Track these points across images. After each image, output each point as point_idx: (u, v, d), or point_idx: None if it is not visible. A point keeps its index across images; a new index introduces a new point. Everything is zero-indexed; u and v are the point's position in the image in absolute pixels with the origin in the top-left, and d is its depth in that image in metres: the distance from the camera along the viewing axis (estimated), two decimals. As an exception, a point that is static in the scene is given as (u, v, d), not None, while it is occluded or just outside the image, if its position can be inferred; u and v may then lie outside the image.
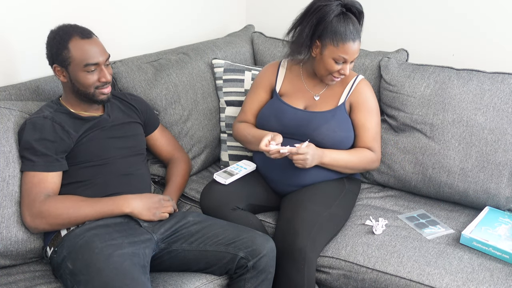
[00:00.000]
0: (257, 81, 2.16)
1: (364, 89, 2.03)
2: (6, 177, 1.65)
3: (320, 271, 1.86)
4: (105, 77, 1.73)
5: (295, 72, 2.10)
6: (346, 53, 1.87)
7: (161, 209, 1.75)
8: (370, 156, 2.02)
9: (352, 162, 1.98)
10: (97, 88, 1.74)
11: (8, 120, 1.71)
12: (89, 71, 1.71)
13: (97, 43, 1.74)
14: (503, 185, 1.98)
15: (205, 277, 1.72)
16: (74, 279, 1.53)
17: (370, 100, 2.04)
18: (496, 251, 1.77)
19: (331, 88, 2.04)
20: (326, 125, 1.96)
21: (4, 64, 1.95)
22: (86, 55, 1.69)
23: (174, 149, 2.12)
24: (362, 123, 2.01)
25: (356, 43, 1.88)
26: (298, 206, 1.86)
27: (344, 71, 1.92)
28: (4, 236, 1.62)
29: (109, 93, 1.79)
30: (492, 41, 2.29)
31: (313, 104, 2.03)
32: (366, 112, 2.02)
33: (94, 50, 1.71)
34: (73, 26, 1.74)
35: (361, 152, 2.01)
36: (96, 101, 1.78)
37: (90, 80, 1.72)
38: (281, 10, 2.11)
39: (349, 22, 1.86)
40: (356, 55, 1.91)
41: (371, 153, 2.02)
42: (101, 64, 1.72)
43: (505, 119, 1.98)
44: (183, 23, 2.60)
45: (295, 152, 1.81)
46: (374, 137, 2.03)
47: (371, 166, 2.06)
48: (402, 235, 1.89)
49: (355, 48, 1.88)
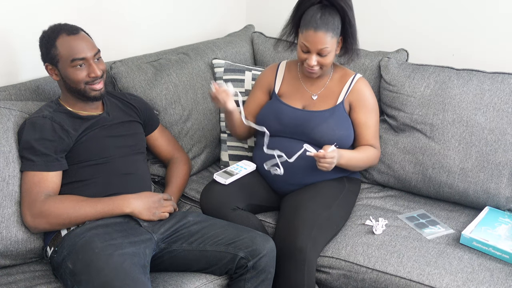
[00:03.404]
0: (256, 83, 2.18)
1: (362, 88, 2.03)
2: (6, 177, 1.65)
3: (320, 271, 1.86)
4: (94, 72, 1.72)
5: (294, 73, 2.10)
6: (306, 41, 1.87)
7: (161, 208, 1.75)
8: (374, 153, 2.06)
9: (362, 160, 2.01)
10: (88, 84, 1.73)
11: (8, 120, 1.71)
12: (77, 66, 1.71)
13: (84, 38, 1.73)
14: (503, 185, 1.98)
15: (205, 277, 1.72)
16: (74, 279, 1.53)
17: (369, 99, 2.04)
18: (496, 251, 1.77)
19: (329, 88, 2.04)
20: (325, 124, 1.96)
21: (4, 64, 1.95)
22: (72, 50, 1.69)
23: (174, 149, 2.12)
24: (363, 122, 2.02)
25: (319, 33, 1.84)
26: (298, 206, 1.86)
27: (308, 61, 1.90)
28: (4, 236, 1.62)
29: (101, 89, 1.77)
30: (492, 41, 2.29)
31: (311, 103, 2.03)
32: (366, 110, 2.02)
33: (81, 45, 1.70)
34: (62, 24, 1.74)
35: (367, 150, 2.03)
36: (89, 98, 1.77)
37: (79, 76, 1.72)
38: (281, 10, 2.11)
39: (320, 12, 1.84)
40: (318, 46, 1.86)
41: (374, 150, 2.06)
42: (89, 59, 1.71)
43: (505, 119, 1.98)
44: (183, 23, 2.60)
45: (322, 156, 1.81)
46: (374, 135, 2.06)
47: (375, 163, 2.11)
48: (402, 235, 1.89)
49: (316, 38, 1.84)
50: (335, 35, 1.88)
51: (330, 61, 1.93)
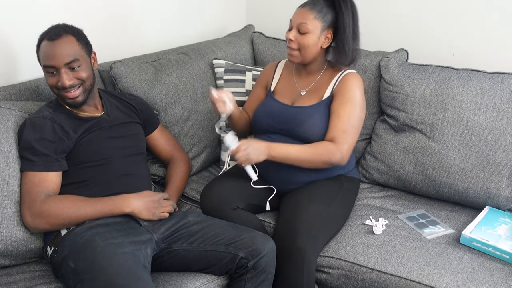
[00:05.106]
0: (257, 80, 2.21)
1: (349, 80, 1.96)
2: (6, 177, 1.65)
3: (320, 271, 1.86)
4: (62, 81, 1.68)
5: (289, 70, 2.12)
6: (292, 17, 1.94)
7: (161, 208, 1.75)
8: (327, 148, 1.88)
9: (304, 154, 1.88)
10: (59, 91, 1.72)
11: (8, 120, 1.71)
12: (49, 72, 1.70)
13: (60, 46, 1.68)
14: (503, 185, 1.98)
15: (205, 277, 1.72)
16: (77, 277, 1.53)
17: (351, 90, 1.93)
18: (496, 251, 1.77)
19: (318, 83, 2.03)
20: (310, 119, 1.94)
21: (4, 64, 1.95)
22: (44, 56, 1.69)
23: (174, 149, 2.12)
24: (335, 110, 1.92)
25: (303, 9, 1.91)
26: (297, 206, 1.86)
27: (287, 35, 1.94)
28: (4, 236, 1.62)
29: (75, 97, 1.72)
30: (492, 41, 2.29)
31: (299, 99, 2.03)
32: (342, 100, 1.92)
33: (53, 52, 1.67)
34: (53, 27, 1.73)
35: (317, 144, 1.90)
36: (67, 104, 1.76)
37: (49, 82, 1.72)
38: (281, 10, 2.12)
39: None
40: (298, 19, 1.91)
41: (329, 144, 1.88)
42: (59, 68, 1.68)
43: (505, 119, 1.98)
44: (183, 23, 2.60)
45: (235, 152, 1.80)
46: (344, 128, 1.89)
47: (332, 159, 1.89)
48: (402, 235, 1.89)
49: (299, 13, 1.92)
50: (320, 19, 1.89)
51: (309, 44, 1.91)
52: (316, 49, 1.94)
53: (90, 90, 1.78)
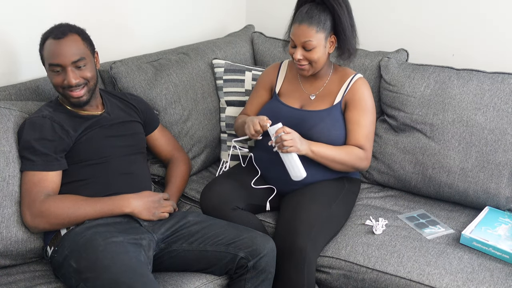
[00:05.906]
0: (259, 81, 2.19)
1: (360, 87, 2.00)
2: (6, 177, 1.65)
3: (320, 271, 1.86)
4: (68, 79, 1.69)
5: (294, 72, 2.11)
6: (292, 34, 1.91)
7: (160, 208, 1.75)
8: (358, 153, 1.96)
9: (339, 156, 1.92)
10: (65, 90, 1.72)
11: (8, 120, 1.71)
12: (54, 71, 1.70)
13: (66, 45, 1.68)
14: (503, 185, 1.98)
15: (205, 277, 1.72)
16: (80, 277, 1.52)
17: (365, 99, 2.00)
18: (496, 251, 1.77)
19: (327, 88, 2.04)
20: (322, 123, 1.95)
21: (4, 64, 1.95)
22: (50, 55, 1.69)
23: (174, 149, 2.12)
24: (356, 120, 1.97)
25: (302, 26, 1.87)
26: (298, 206, 1.86)
27: (294, 55, 1.92)
28: (4, 236, 1.62)
29: (80, 96, 1.73)
30: (492, 41, 2.29)
31: (308, 103, 2.03)
32: (360, 109, 1.98)
33: (59, 51, 1.67)
34: (57, 26, 1.73)
35: (349, 148, 1.95)
36: (72, 103, 1.76)
37: (54, 81, 1.71)
38: (281, 10, 2.11)
39: (307, 7, 1.88)
40: (301, 38, 1.88)
41: (359, 150, 1.96)
42: (66, 66, 1.68)
43: (505, 119, 1.98)
44: (183, 23, 2.60)
45: (282, 133, 1.80)
46: (366, 136, 1.98)
47: (360, 165, 1.98)
48: (402, 235, 1.89)
49: (299, 31, 1.87)
50: (321, 30, 1.88)
51: (318, 57, 1.92)
52: (325, 56, 1.95)
53: (94, 90, 1.79)
